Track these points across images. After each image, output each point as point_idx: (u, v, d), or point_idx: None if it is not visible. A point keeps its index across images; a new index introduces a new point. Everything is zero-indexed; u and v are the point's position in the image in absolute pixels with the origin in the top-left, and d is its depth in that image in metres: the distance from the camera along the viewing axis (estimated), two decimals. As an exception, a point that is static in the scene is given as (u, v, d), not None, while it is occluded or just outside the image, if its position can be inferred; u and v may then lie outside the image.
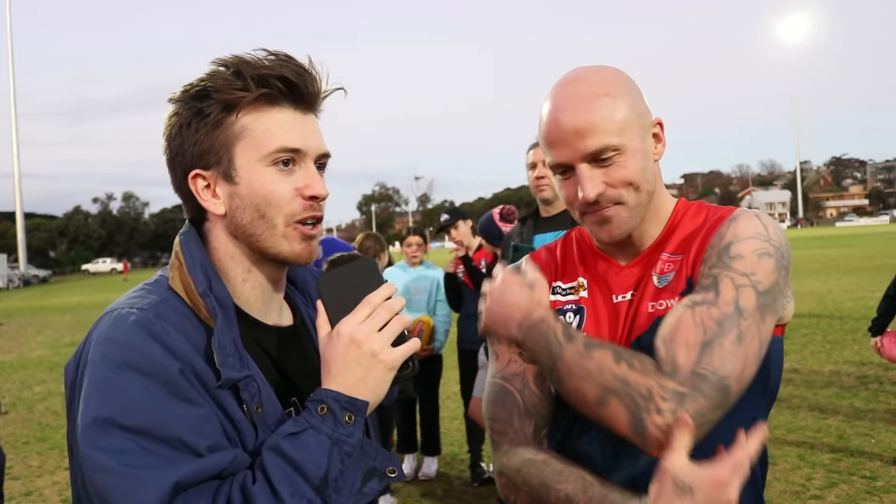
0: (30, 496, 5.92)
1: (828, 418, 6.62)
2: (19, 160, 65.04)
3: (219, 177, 1.24)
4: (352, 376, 1.13)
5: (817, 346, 9.90)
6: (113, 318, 1.15)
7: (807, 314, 12.84)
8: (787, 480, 5.16)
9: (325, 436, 1.09)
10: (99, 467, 1.03)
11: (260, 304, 1.31)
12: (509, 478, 1.41)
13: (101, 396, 1.07)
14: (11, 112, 65.08)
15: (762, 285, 1.33)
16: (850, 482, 5.08)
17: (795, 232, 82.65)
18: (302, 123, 1.26)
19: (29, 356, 14.19)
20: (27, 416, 8.87)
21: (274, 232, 1.24)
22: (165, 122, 1.27)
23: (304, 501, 1.05)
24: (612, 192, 1.40)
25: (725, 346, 1.27)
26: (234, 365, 1.15)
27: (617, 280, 1.50)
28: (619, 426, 1.29)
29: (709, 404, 1.25)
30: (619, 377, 1.29)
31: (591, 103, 1.38)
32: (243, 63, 1.22)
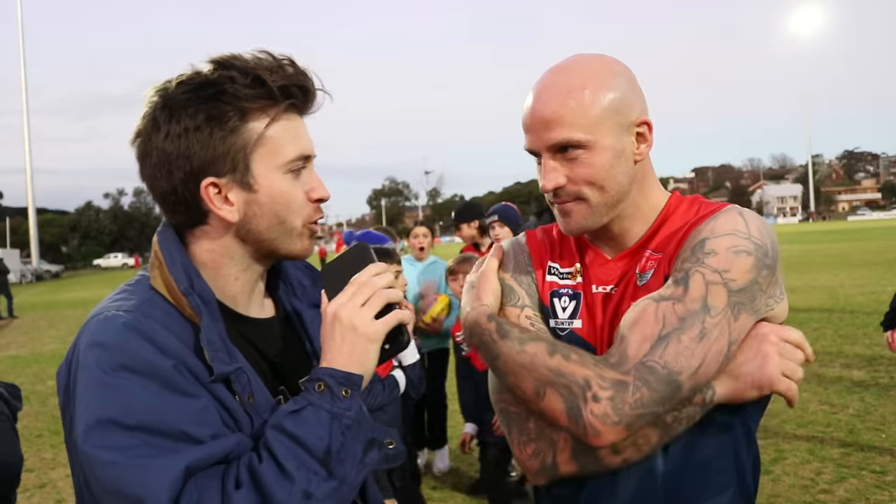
0: (44, 488, 5.99)
1: (838, 413, 6.60)
2: (31, 156, 65.40)
3: (234, 184, 1.23)
4: (339, 352, 1.18)
5: (828, 341, 9.86)
6: (100, 321, 1.17)
7: (818, 308, 12.79)
8: (796, 475, 5.16)
9: (324, 411, 1.13)
10: (107, 463, 1.05)
11: (245, 299, 1.34)
12: (542, 435, 1.38)
13: (99, 399, 1.09)
14: (23, 108, 65.37)
15: (736, 283, 1.30)
16: (860, 476, 5.07)
17: (807, 226, 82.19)
18: (305, 129, 1.30)
19: (42, 350, 14.32)
20: (41, 410, 8.94)
21: (291, 235, 1.28)
22: (151, 119, 1.22)
23: (309, 474, 1.09)
24: (572, 187, 1.40)
25: (683, 341, 1.25)
26: (223, 359, 1.18)
27: (600, 272, 1.50)
28: (557, 417, 1.29)
29: (652, 397, 1.23)
30: (552, 369, 1.29)
31: (564, 95, 1.37)
32: (262, 69, 1.21)
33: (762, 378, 1.30)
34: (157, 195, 1.27)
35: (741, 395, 1.32)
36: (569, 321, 1.48)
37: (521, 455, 1.42)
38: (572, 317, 1.48)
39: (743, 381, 1.30)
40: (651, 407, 1.24)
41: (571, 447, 1.34)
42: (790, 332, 1.35)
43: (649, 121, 1.44)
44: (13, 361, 13.09)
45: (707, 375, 1.28)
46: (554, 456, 1.37)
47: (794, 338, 1.35)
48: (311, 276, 1.51)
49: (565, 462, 1.36)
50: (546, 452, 1.38)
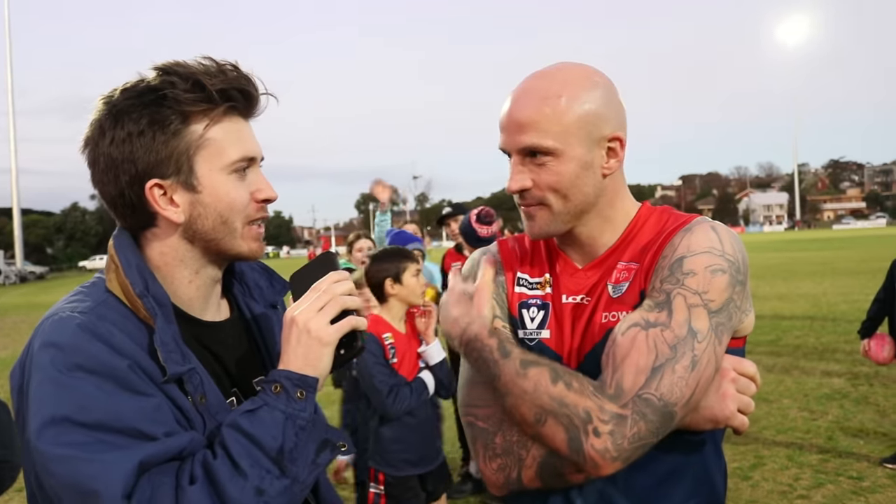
0: (22, 492, 5.94)
1: (817, 419, 6.66)
2: (17, 156, 64.97)
3: (178, 185, 1.26)
4: (294, 355, 1.22)
5: (809, 349, 9.93)
6: (54, 322, 1.19)
7: (801, 316, 12.87)
8: (774, 480, 5.20)
9: (279, 411, 1.16)
10: (61, 459, 1.07)
11: (200, 303, 1.36)
12: (509, 452, 1.40)
13: (54, 398, 1.10)
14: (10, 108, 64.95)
15: (715, 304, 1.33)
16: (837, 482, 5.12)
17: (792, 234, 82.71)
18: (250, 131, 1.33)
19: (24, 352, 14.19)
20: (21, 412, 8.86)
21: (234, 235, 1.31)
22: (97, 126, 1.26)
23: (262, 472, 1.11)
24: (537, 192, 1.42)
25: (677, 371, 1.28)
26: (177, 360, 1.20)
27: (570, 281, 1.50)
28: (556, 446, 1.31)
29: (649, 429, 1.26)
30: (555, 398, 1.30)
31: (540, 101, 1.39)
32: (202, 73, 1.25)
33: (719, 414, 1.35)
34: (107, 200, 1.29)
35: (697, 426, 1.36)
36: (537, 331, 1.49)
37: (486, 469, 1.44)
38: (540, 327, 1.49)
39: (701, 414, 1.35)
40: (647, 439, 1.27)
41: (538, 465, 1.37)
42: (746, 366, 1.41)
43: (622, 137, 1.45)
44: (-5, 363, 12.98)
45: (697, 402, 1.32)
46: (519, 472, 1.39)
47: (750, 371, 1.40)
48: (267, 277, 1.53)
49: (530, 479, 1.39)
50: (511, 468, 1.40)
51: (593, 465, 1.27)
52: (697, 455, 1.44)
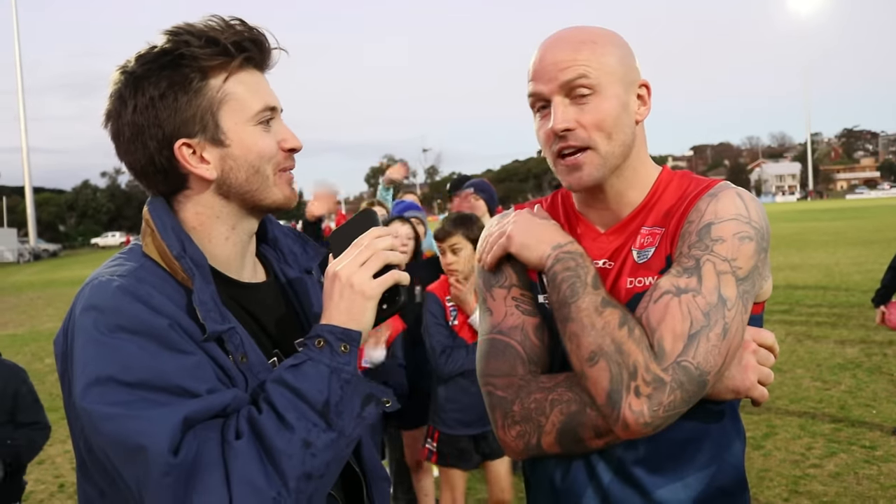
0: (42, 464, 6.04)
1: (830, 389, 6.66)
2: (27, 135, 65.08)
3: (206, 142, 1.27)
4: (337, 309, 1.23)
5: (822, 318, 9.91)
6: (94, 286, 1.20)
7: (813, 286, 12.83)
8: (787, 450, 5.22)
9: (323, 365, 1.17)
10: (107, 417, 1.09)
11: (237, 262, 1.37)
12: (528, 418, 1.40)
13: (98, 359, 1.12)
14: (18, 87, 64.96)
15: (742, 271, 1.34)
16: (850, 451, 5.14)
17: (805, 204, 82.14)
18: (266, 83, 1.35)
19: (40, 329, 14.37)
20: (38, 388, 8.85)
21: (268, 183, 1.31)
22: (117, 97, 1.26)
23: (309, 424, 1.13)
24: (582, 132, 1.40)
25: (711, 339, 1.29)
26: (216, 319, 1.21)
27: (592, 246, 1.50)
28: (597, 390, 1.31)
29: (683, 398, 1.28)
30: (616, 341, 1.30)
31: (577, 44, 1.42)
32: (213, 30, 1.25)
33: (741, 385, 1.36)
34: (136, 170, 1.30)
35: (718, 395, 1.37)
36: None
37: (505, 436, 1.45)
38: None
39: (724, 384, 1.36)
40: (680, 408, 1.29)
41: (557, 431, 1.37)
42: (765, 336, 1.42)
43: (648, 84, 1.48)
44: (11, 340, 13.13)
45: (726, 370, 1.34)
46: (539, 438, 1.40)
47: (769, 341, 1.42)
48: (301, 243, 1.55)
49: (550, 445, 1.40)
50: (531, 434, 1.40)
51: (624, 425, 1.28)
52: (717, 423, 1.45)
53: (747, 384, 1.36)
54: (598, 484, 1.43)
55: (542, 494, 1.54)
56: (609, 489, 1.43)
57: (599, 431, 1.34)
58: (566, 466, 1.47)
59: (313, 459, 1.12)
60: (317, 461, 1.13)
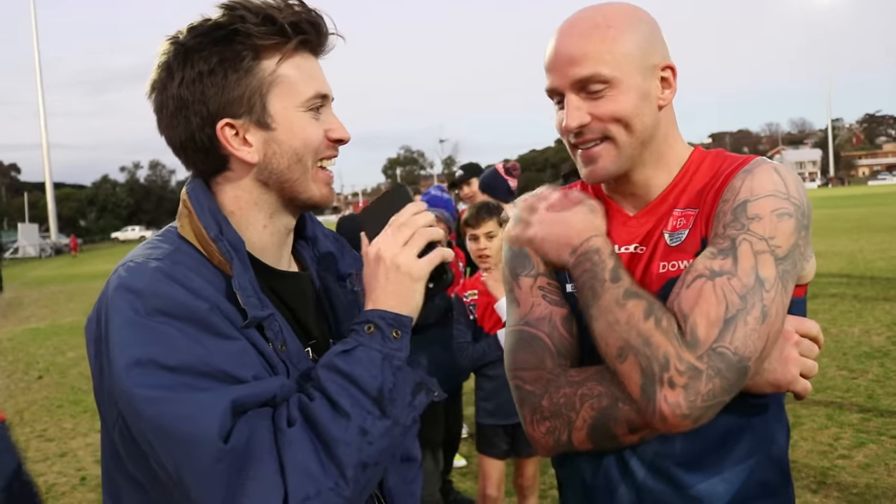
0: (64, 457, 6.07)
1: (857, 378, 6.54)
2: (47, 131, 65.68)
3: (251, 124, 1.22)
4: (385, 293, 1.18)
5: (847, 306, 9.76)
6: (130, 268, 1.16)
7: (837, 273, 12.66)
8: (814, 440, 5.12)
9: (375, 351, 1.12)
10: (151, 400, 1.04)
11: (274, 251, 1.33)
12: (557, 414, 1.35)
13: (137, 340, 1.07)
14: (38, 83, 65.59)
15: (781, 250, 1.27)
16: (879, 442, 5.03)
17: (826, 191, 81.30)
18: (320, 69, 1.30)
19: (61, 323, 14.50)
20: (61, 381, 9.06)
21: (307, 175, 1.26)
22: (165, 68, 1.21)
23: (364, 412, 1.08)
24: (598, 125, 1.35)
25: (749, 322, 1.22)
26: (256, 304, 1.17)
27: (623, 230, 1.44)
28: (630, 386, 1.26)
29: (723, 386, 1.21)
30: (642, 334, 1.24)
31: (589, 32, 1.34)
32: (271, 7, 1.20)
33: (781, 379, 1.30)
34: (176, 145, 1.26)
35: (759, 389, 1.30)
36: None
37: (534, 433, 1.40)
38: None
39: (763, 377, 1.29)
40: (721, 397, 1.22)
41: (588, 426, 1.32)
42: (808, 326, 1.34)
43: (673, 65, 1.40)
44: (33, 334, 13.27)
45: (767, 356, 1.26)
46: (569, 434, 1.35)
47: (812, 332, 1.34)
48: (340, 248, 1.50)
49: (581, 441, 1.34)
50: (560, 430, 1.35)
51: (662, 419, 1.22)
52: (759, 416, 1.38)
53: (788, 377, 1.29)
54: (632, 479, 1.38)
55: (573, 492, 1.49)
56: (643, 485, 1.37)
57: (633, 426, 1.28)
58: (597, 462, 1.41)
59: (369, 448, 1.08)
60: (373, 449, 1.08)
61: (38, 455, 6.08)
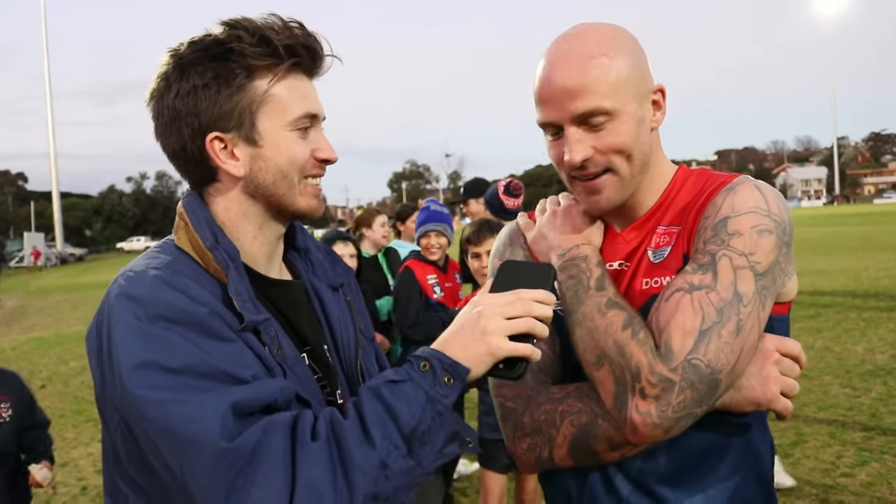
0: (66, 466, 6.08)
1: (860, 396, 6.52)
2: (55, 140, 66.06)
3: (239, 140, 1.27)
4: (456, 342, 1.18)
5: (851, 324, 9.73)
6: (129, 277, 1.20)
7: (841, 291, 12.61)
8: (816, 458, 5.11)
9: (422, 391, 1.12)
10: (154, 402, 1.06)
11: (265, 260, 1.36)
12: (538, 431, 1.37)
13: (140, 345, 1.10)
14: (47, 93, 66.02)
15: (761, 266, 1.28)
16: (882, 461, 5.01)
17: (832, 209, 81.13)
18: (313, 90, 1.33)
19: (66, 332, 14.54)
20: (63, 390, 9.08)
21: (293, 190, 1.30)
22: (163, 78, 1.26)
23: (391, 446, 1.09)
24: (601, 158, 1.35)
25: (723, 335, 1.23)
26: (251, 309, 1.21)
27: (610, 246, 1.46)
28: (604, 394, 1.28)
29: (694, 397, 1.22)
30: (618, 343, 1.26)
31: (585, 63, 1.32)
32: (268, 29, 1.25)
33: (761, 398, 1.30)
34: (169, 153, 1.31)
35: (739, 407, 1.31)
36: None
37: (516, 449, 1.41)
38: None
39: (743, 395, 1.30)
40: (692, 408, 1.23)
41: (569, 443, 1.34)
42: (790, 346, 1.35)
43: (663, 87, 1.41)
44: (38, 343, 13.30)
45: (742, 370, 1.27)
46: (550, 451, 1.36)
47: (794, 351, 1.34)
48: (331, 260, 1.53)
49: (562, 458, 1.36)
50: (542, 447, 1.37)
51: (632, 428, 1.23)
52: (742, 435, 1.39)
53: (769, 396, 1.29)
54: (617, 496, 1.38)
55: None
56: (628, 501, 1.38)
57: (614, 443, 1.30)
58: (582, 479, 1.42)
59: (385, 482, 1.08)
60: (388, 485, 1.08)
61: (40, 464, 6.07)
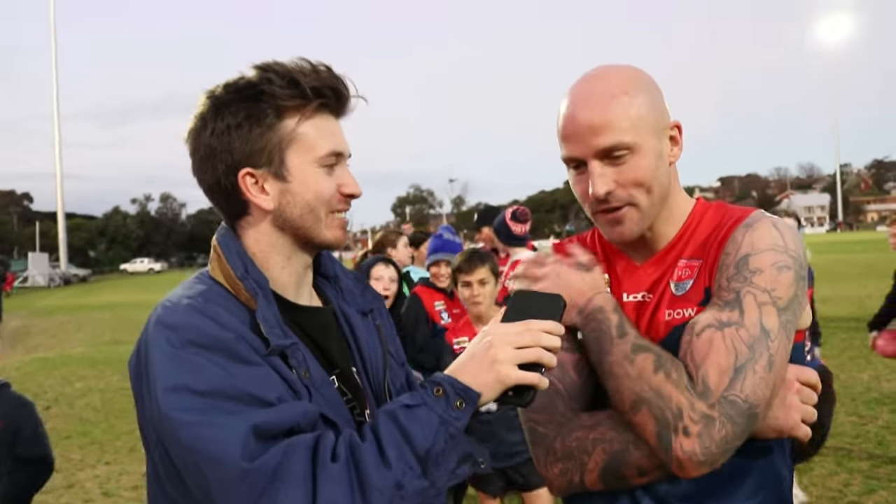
0: (72, 489, 6.07)
1: (867, 424, 6.51)
2: (61, 161, 66.37)
3: (269, 175, 1.35)
4: (467, 370, 1.24)
5: (856, 352, 9.74)
6: (166, 307, 1.29)
7: (846, 318, 12.62)
8: (823, 486, 5.10)
9: (436, 414, 1.19)
10: (185, 424, 1.14)
11: (294, 289, 1.43)
12: (570, 456, 1.41)
13: (171, 369, 1.19)
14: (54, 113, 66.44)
15: (782, 301, 1.34)
16: (890, 489, 5.00)
17: (835, 236, 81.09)
18: (339, 129, 1.42)
19: (70, 353, 14.54)
20: (68, 412, 9.07)
21: (320, 223, 1.38)
22: (200, 118, 1.35)
23: (406, 467, 1.15)
24: (622, 192, 1.42)
25: (758, 371, 1.29)
26: (279, 335, 1.27)
27: (631, 279, 1.52)
28: (646, 436, 1.32)
29: (735, 431, 1.27)
30: (654, 387, 1.31)
31: (608, 101, 1.40)
32: (297, 72, 1.33)
33: (784, 426, 1.36)
34: (204, 188, 1.40)
35: (763, 434, 1.36)
36: None
37: (548, 473, 1.45)
38: None
39: (767, 423, 1.35)
40: (733, 442, 1.28)
41: (600, 469, 1.38)
42: (808, 374, 1.41)
43: (679, 123, 1.49)
44: (42, 363, 13.29)
45: (772, 402, 1.33)
46: (581, 476, 1.40)
47: (812, 380, 1.41)
48: (361, 287, 1.60)
49: (593, 483, 1.40)
50: (573, 472, 1.41)
51: (679, 465, 1.28)
52: (764, 458, 1.44)
53: (791, 423, 1.36)
54: None
55: None
56: None
57: (643, 470, 1.35)
58: (611, 501, 1.45)
59: (401, 502, 1.14)
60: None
61: (45, 486, 6.06)
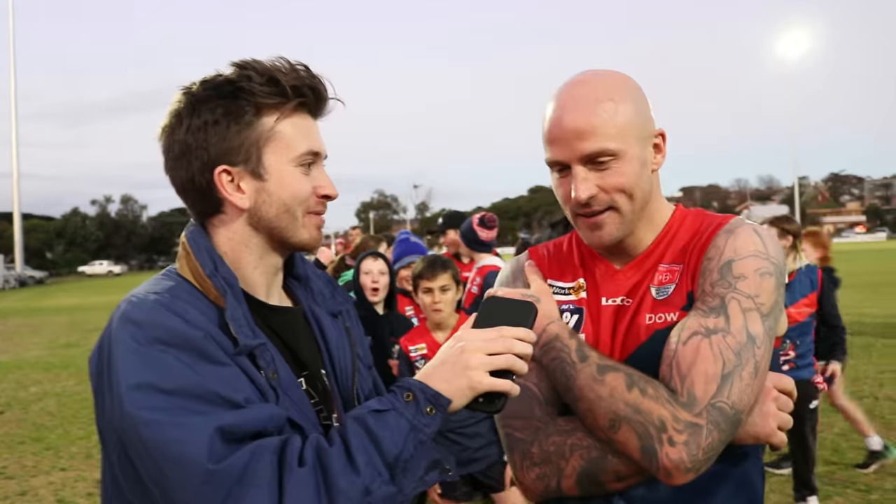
0: (24, 496, 5.91)
1: (823, 431, 6.61)
2: (19, 161, 65.07)
3: (246, 173, 1.33)
4: (438, 375, 1.22)
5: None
6: (131, 302, 1.26)
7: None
8: (782, 492, 5.18)
9: (405, 420, 1.18)
10: (149, 423, 1.11)
11: (265, 289, 1.41)
12: (547, 461, 1.41)
13: (137, 367, 1.15)
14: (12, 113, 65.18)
15: (765, 307, 1.36)
16: (845, 495, 5.11)
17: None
18: (316, 129, 1.40)
19: (25, 357, 14.20)
20: (22, 417, 8.85)
21: (296, 223, 1.36)
22: (176, 115, 1.33)
23: (375, 473, 1.13)
24: (605, 196, 1.42)
25: (744, 378, 1.30)
26: (248, 334, 1.25)
27: (610, 283, 1.52)
28: (631, 452, 1.32)
29: (720, 438, 1.28)
30: (630, 404, 1.31)
31: (594, 106, 1.40)
32: (276, 70, 1.32)
33: (761, 433, 1.37)
34: (178, 186, 1.36)
35: (741, 441, 1.37)
36: None
37: (525, 478, 1.45)
38: (575, 330, 1.49)
39: (745, 430, 1.36)
40: (718, 448, 1.29)
41: (577, 474, 1.38)
42: (785, 382, 1.43)
43: (664, 132, 1.50)
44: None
45: (754, 408, 1.35)
46: (558, 481, 1.40)
47: (788, 388, 1.43)
48: (331, 288, 1.57)
49: (570, 488, 1.40)
50: (550, 477, 1.41)
51: (666, 474, 1.28)
52: (740, 465, 1.45)
53: (768, 430, 1.37)
54: None
55: None
56: None
57: (621, 475, 1.35)
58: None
59: None
60: None
61: (-3, 492, 5.92)
